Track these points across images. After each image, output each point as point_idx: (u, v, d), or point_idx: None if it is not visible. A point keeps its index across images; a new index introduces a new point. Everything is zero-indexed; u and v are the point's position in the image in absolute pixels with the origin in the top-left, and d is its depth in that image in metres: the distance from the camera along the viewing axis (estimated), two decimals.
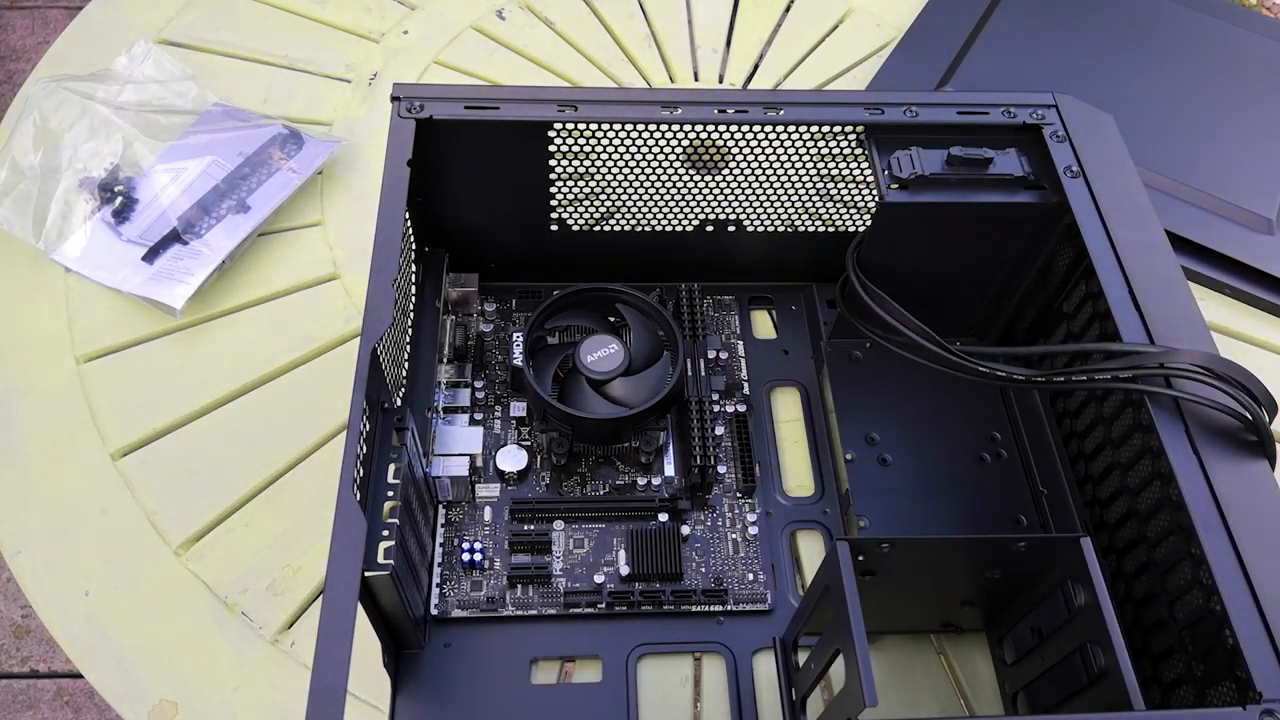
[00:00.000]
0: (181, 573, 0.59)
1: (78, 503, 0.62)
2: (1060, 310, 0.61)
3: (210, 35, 0.88)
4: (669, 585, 0.58)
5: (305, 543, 0.61)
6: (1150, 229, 0.57)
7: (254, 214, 0.74)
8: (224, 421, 0.66)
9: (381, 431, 0.50)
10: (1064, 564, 0.48)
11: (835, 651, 0.45)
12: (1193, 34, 0.92)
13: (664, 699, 0.56)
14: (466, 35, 0.91)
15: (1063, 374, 0.53)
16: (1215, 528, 0.46)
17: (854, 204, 0.66)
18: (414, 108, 0.58)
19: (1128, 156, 0.60)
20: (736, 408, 0.66)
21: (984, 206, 0.58)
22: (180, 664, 0.56)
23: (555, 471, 0.63)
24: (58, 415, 0.65)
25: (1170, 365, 0.49)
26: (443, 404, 0.64)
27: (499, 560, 0.59)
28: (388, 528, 0.46)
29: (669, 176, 0.63)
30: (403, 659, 0.55)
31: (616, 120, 0.59)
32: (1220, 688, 0.44)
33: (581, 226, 0.66)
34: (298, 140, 0.78)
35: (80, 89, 0.77)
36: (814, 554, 0.61)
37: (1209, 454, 0.48)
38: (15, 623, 1.27)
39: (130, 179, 0.74)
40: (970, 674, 0.57)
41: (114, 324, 0.70)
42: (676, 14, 0.94)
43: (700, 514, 0.62)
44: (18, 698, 1.22)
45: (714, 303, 0.72)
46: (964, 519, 0.61)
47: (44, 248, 0.71)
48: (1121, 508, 0.54)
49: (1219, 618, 0.44)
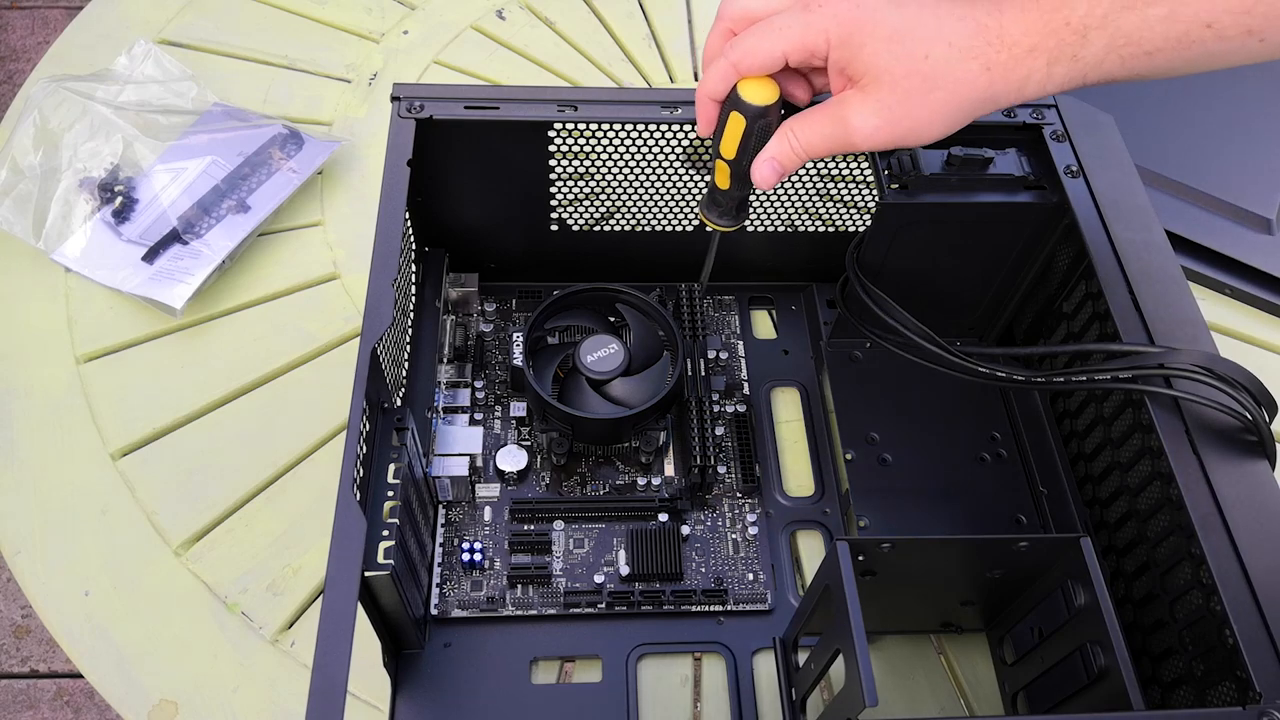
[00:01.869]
0: (181, 573, 0.59)
1: (78, 503, 0.62)
2: (1060, 310, 0.61)
3: (210, 35, 0.88)
4: (669, 585, 0.58)
5: (305, 543, 0.61)
6: (1150, 229, 0.57)
7: (254, 214, 0.74)
8: (224, 421, 0.66)
9: (381, 431, 0.50)
10: (1064, 564, 0.48)
11: (835, 651, 0.45)
12: None
13: (664, 699, 0.56)
14: (466, 35, 0.91)
15: (1063, 374, 0.53)
16: (1215, 528, 0.46)
17: (854, 204, 0.66)
18: (414, 108, 0.58)
19: (1128, 156, 0.60)
20: (736, 408, 0.66)
21: (984, 206, 0.58)
22: (180, 664, 0.56)
23: (555, 471, 0.63)
24: (58, 415, 0.65)
25: (1170, 365, 0.49)
26: (443, 404, 0.64)
27: (499, 560, 0.59)
28: (388, 528, 0.46)
29: (669, 176, 0.63)
30: (403, 659, 0.55)
31: (616, 120, 0.59)
32: (1220, 688, 0.44)
33: (581, 226, 0.66)
34: (298, 140, 0.78)
35: (80, 89, 0.77)
36: (814, 554, 0.61)
37: (1209, 454, 0.48)
38: (15, 623, 1.27)
39: (130, 179, 0.74)
40: (970, 674, 0.57)
41: (114, 324, 0.70)
42: (676, 14, 0.94)
43: (700, 514, 0.62)
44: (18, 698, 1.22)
45: (714, 303, 0.72)
46: (964, 519, 0.61)
47: (44, 248, 0.71)
48: (1121, 508, 0.54)
49: (1219, 618, 0.44)
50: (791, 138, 0.47)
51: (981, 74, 0.44)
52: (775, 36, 0.45)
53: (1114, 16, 0.42)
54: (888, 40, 0.43)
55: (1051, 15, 0.42)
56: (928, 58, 0.43)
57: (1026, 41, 0.43)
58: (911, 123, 0.45)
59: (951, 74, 0.44)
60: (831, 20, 0.44)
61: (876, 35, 0.44)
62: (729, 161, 0.49)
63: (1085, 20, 0.42)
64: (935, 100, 0.44)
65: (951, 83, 0.44)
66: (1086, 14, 0.42)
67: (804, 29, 0.45)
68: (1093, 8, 0.42)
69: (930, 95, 0.44)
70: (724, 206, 0.52)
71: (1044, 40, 0.43)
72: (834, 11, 0.44)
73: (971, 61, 0.43)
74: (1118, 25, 0.42)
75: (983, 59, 0.43)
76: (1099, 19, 0.42)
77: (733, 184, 0.51)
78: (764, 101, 0.47)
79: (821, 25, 0.44)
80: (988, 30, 0.43)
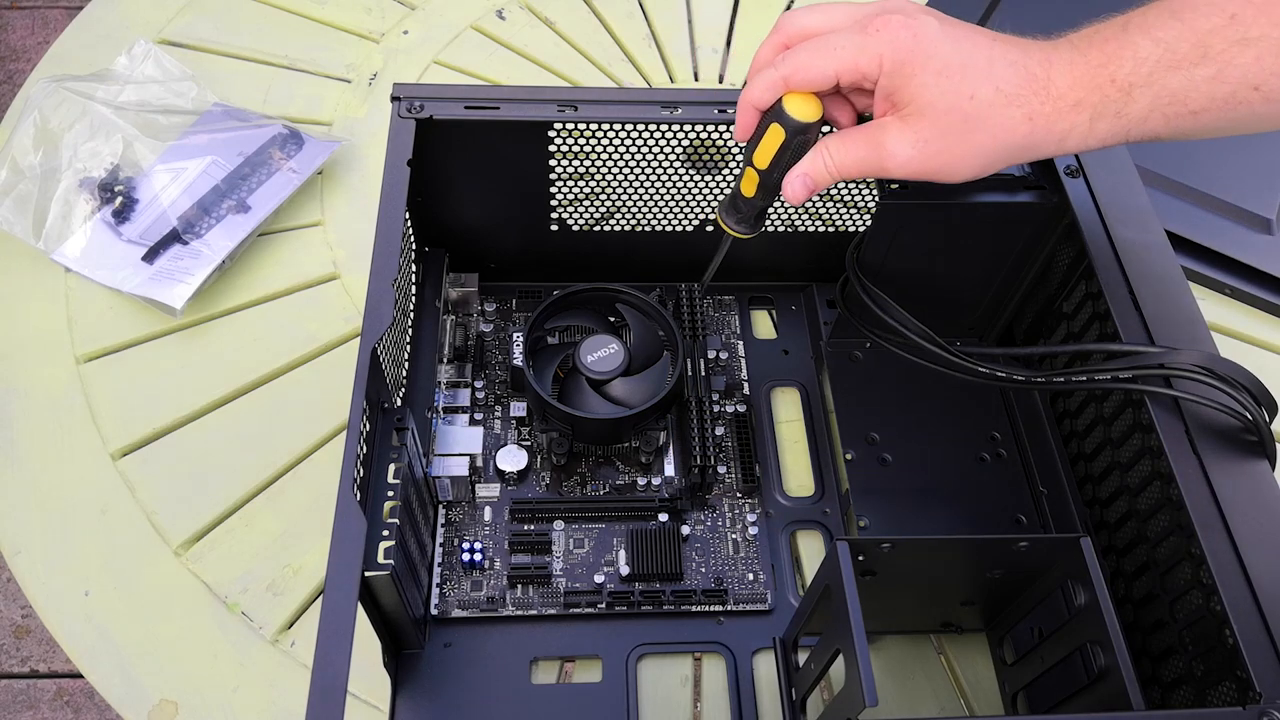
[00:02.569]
0: (181, 573, 0.59)
1: (78, 503, 0.62)
2: (1060, 310, 0.61)
3: (210, 35, 0.88)
4: (669, 585, 0.58)
5: (305, 543, 0.61)
6: (1150, 229, 0.57)
7: (254, 214, 0.74)
8: (224, 421, 0.66)
9: (381, 431, 0.50)
10: (1064, 564, 0.48)
11: (835, 651, 0.45)
12: None
13: (664, 699, 0.56)
14: (466, 35, 0.91)
15: (1063, 374, 0.53)
16: (1215, 528, 0.46)
17: (854, 204, 0.66)
18: (414, 108, 0.58)
19: (1128, 156, 0.60)
20: (736, 408, 0.66)
21: (984, 206, 0.58)
22: (180, 664, 0.56)
23: (555, 471, 0.63)
24: (58, 415, 0.65)
25: (1170, 365, 0.49)
26: (443, 404, 0.64)
27: (499, 560, 0.59)
28: (388, 528, 0.46)
29: (669, 176, 0.63)
30: (403, 659, 0.55)
31: (616, 120, 0.59)
32: (1220, 688, 0.44)
33: (581, 226, 0.66)
34: (298, 140, 0.78)
35: (80, 89, 0.77)
36: (814, 554, 0.61)
37: (1209, 454, 0.48)
38: (15, 623, 1.27)
39: (130, 179, 0.74)
40: (970, 674, 0.57)
41: (114, 324, 0.70)
42: (676, 14, 0.94)
43: (700, 514, 0.62)
44: (18, 698, 1.22)
45: (714, 303, 0.72)
46: (964, 519, 0.61)
47: (44, 248, 0.71)
48: (1121, 508, 0.54)
49: (1219, 618, 0.44)
50: (827, 157, 0.47)
51: (1024, 122, 0.43)
52: (830, 55, 0.45)
53: (1159, 75, 0.42)
54: (938, 74, 0.43)
55: (1098, 71, 0.42)
56: (973, 98, 0.43)
57: (1072, 95, 0.43)
58: (947, 159, 0.45)
59: (994, 118, 0.43)
60: (888, 45, 0.44)
61: (928, 67, 0.43)
62: (760, 171, 0.49)
63: (1130, 78, 0.42)
64: (974, 142, 0.44)
65: (993, 126, 0.43)
66: (1132, 71, 0.42)
67: (859, 51, 0.44)
68: (1138, 65, 0.42)
69: (970, 136, 0.44)
70: (744, 214, 0.52)
71: (1089, 95, 0.43)
72: (891, 37, 0.44)
73: (1016, 109, 0.43)
74: (1164, 84, 0.42)
75: (1027, 108, 0.43)
76: (1144, 77, 0.42)
77: (758, 193, 0.50)
78: (808, 119, 0.47)
79: (877, 50, 0.44)
80: (1036, 80, 0.43)
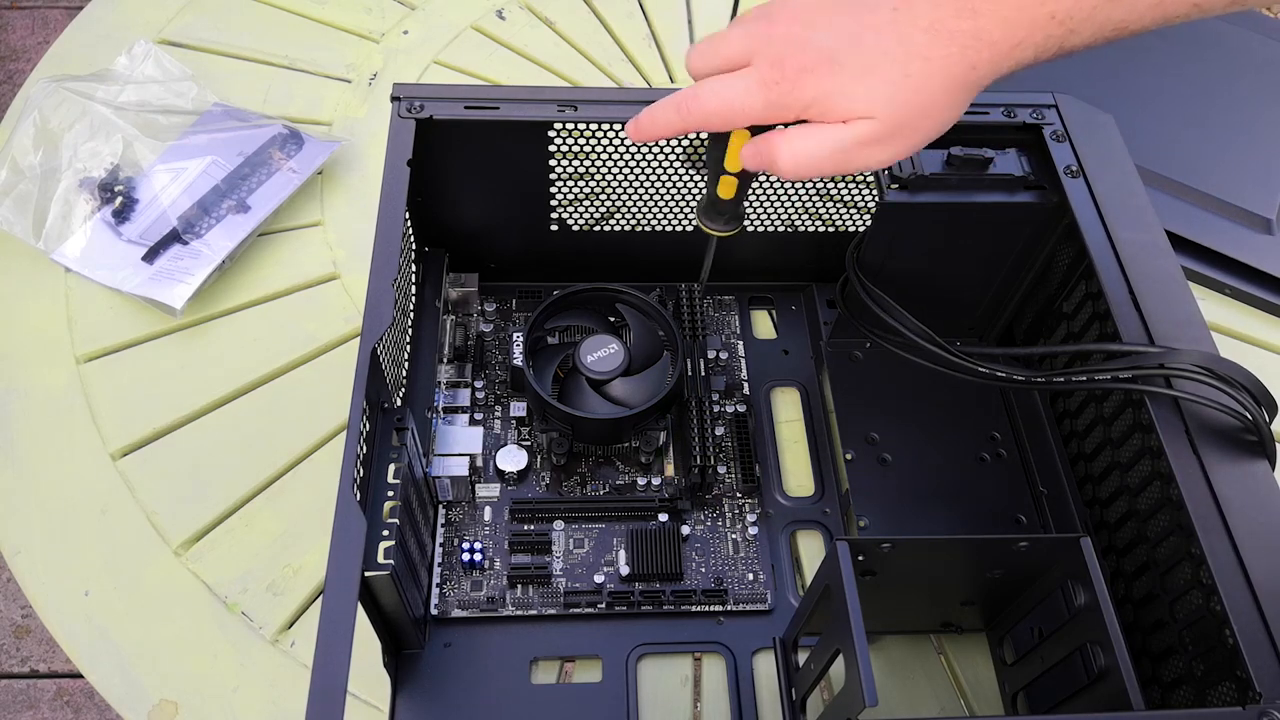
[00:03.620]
0: (181, 573, 0.59)
1: (78, 503, 0.62)
2: (1060, 310, 0.61)
3: (210, 35, 0.88)
4: (669, 585, 0.58)
5: (305, 543, 0.61)
6: (1150, 229, 0.57)
7: (254, 214, 0.74)
8: (224, 421, 0.66)
9: (381, 431, 0.50)
10: (1064, 564, 0.48)
11: (835, 651, 0.45)
12: (1193, 34, 0.92)
13: (664, 699, 0.56)
14: (466, 35, 0.91)
15: (1063, 374, 0.53)
16: (1215, 528, 0.46)
17: (854, 204, 0.66)
18: (414, 108, 0.58)
19: (1128, 156, 0.60)
20: (736, 408, 0.66)
21: (984, 206, 0.58)
22: (180, 664, 0.56)
23: (555, 471, 0.63)
24: (58, 415, 0.65)
25: (1170, 365, 0.49)
26: (443, 404, 0.64)
27: (499, 560, 0.59)
28: (388, 528, 0.46)
29: (669, 176, 0.63)
30: (403, 659, 0.55)
31: (616, 120, 0.59)
32: (1220, 688, 0.44)
33: (581, 226, 0.66)
34: (298, 140, 0.78)
35: (80, 89, 0.77)
36: (814, 554, 0.61)
37: (1209, 454, 0.48)
38: (15, 623, 1.27)
39: (130, 179, 0.74)
40: (970, 674, 0.57)
41: (114, 324, 0.70)
42: (676, 14, 0.94)
43: (700, 514, 0.62)
44: (18, 698, 1.22)
45: (714, 303, 0.72)
46: (964, 519, 0.61)
47: (44, 248, 0.71)
48: (1121, 508, 0.54)
49: (1219, 618, 0.44)
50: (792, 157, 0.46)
51: (969, 72, 0.43)
52: (738, 118, 0.45)
53: (1103, 9, 0.41)
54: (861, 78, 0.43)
55: (1037, 8, 0.41)
56: (909, 76, 0.43)
57: (1010, 39, 0.42)
58: (913, 139, 0.44)
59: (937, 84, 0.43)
60: (799, 99, 0.44)
61: (848, 84, 0.43)
62: (735, 174, 0.49)
63: (1072, 11, 0.41)
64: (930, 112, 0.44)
65: (940, 92, 0.43)
66: (1074, 6, 0.41)
67: (767, 110, 0.44)
68: (1080, 2, 0.41)
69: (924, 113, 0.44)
70: (726, 214, 0.52)
71: (1030, 35, 0.42)
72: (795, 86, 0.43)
73: (954, 66, 0.43)
74: (1107, 16, 0.41)
75: (965, 61, 0.42)
76: (1088, 11, 0.41)
77: (737, 193, 0.50)
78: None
79: (785, 104, 0.44)
80: (963, 34, 0.42)
